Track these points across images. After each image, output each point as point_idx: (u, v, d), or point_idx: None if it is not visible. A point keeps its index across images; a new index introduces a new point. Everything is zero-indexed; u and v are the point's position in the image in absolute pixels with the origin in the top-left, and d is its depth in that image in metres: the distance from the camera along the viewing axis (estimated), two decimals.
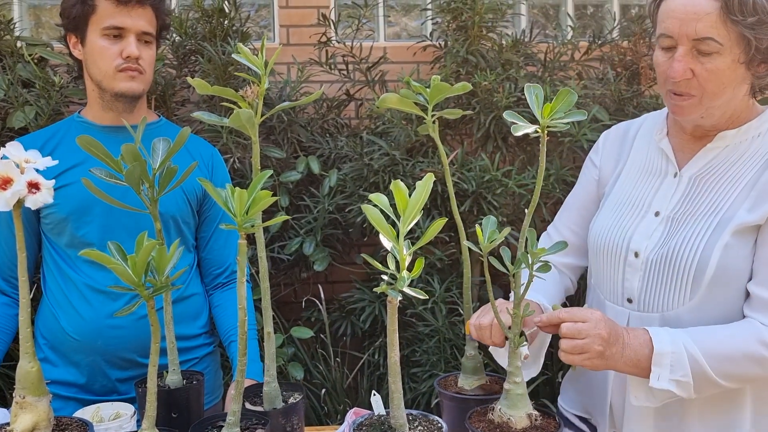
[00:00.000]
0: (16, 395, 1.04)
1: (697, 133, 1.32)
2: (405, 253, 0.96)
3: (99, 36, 1.55)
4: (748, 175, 1.25)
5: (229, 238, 1.74)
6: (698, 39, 1.19)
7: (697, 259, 1.23)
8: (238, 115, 1.02)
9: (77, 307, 1.56)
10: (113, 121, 1.63)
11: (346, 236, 2.56)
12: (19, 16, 2.75)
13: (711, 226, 1.24)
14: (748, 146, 1.28)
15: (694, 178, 1.31)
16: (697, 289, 1.23)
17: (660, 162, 1.37)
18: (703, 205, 1.27)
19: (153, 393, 1.02)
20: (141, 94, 1.62)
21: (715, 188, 1.28)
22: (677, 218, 1.29)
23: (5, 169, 0.96)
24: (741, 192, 1.25)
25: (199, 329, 1.70)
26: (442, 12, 2.59)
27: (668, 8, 1.23)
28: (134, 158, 1.15)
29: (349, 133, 2.59)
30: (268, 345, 1.16)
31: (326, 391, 2.36)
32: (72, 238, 1.57)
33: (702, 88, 1.22)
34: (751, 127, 1.28)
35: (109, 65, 1.56)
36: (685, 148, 1.35)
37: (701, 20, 1.18)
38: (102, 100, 1.61)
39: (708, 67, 1.20)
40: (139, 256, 0.93)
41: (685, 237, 1.26)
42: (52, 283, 1.61)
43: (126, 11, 1.54)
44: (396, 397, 1.03)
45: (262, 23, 2.94)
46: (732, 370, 1.18)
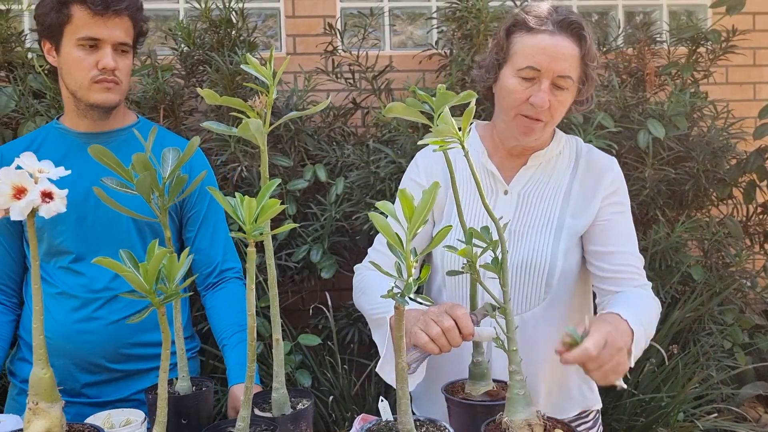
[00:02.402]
0: (29, 401, 1.06)
1: (514, 151, 1.51)
2: (412, 260, 0.97)
3: (74, 46, 1.51)
4: (563, 187, 1.50)
5: (215, 237, 1.70)
6: (561, 76, 1.38)
7: (548, 265, 1.45)
8: (247, 124, 1.03)
9: (51, 310, 1.56)
10: (89, 128, 1.61)
11: (353, 244, 2.57)
12: (29, 27, 2.79)
13: (551, 235, 1.46)
14: (555, 163, 1.53)
15: (521, 194, 1.50)
16: (548, 290, 1.46)
17: (488, 181, 1.52)
18: (536, 217, 1.48)
19: (164, 399, 1.04)
20: (117, 104, 1.59)
21: (540, 202, 1.49)
22: (518, 230, 1.48)
23: (19, 178, 0.98)
24: (562, 202, 1.49)
25: None
26: (448, 21, 2.61)
27: (537, 44, 1.38)
28: (144, 167, 1.17)
29: (355, 141, 2.61)
30: (277, 351, 1.18)
31: (334, 398, 2.36)
32: (50, 246, 1.57)
33: (551, 115, 1.42)
34: (553, 147, 1.53)
35: (84, 76, 1.52)
36: (506, 166, 1.53)
37: (567, 61, 1.38)
38: (77, 108, 1.59)
39: (559, 99, 1.41)
40: (150, 263, 0.95)
41: (531, 247, 1.46)
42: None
43: (102, 21, 1.50)
44: (403, 402, 1.04)
45: (268, 33, 2.96)
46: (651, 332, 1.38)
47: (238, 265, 1.74)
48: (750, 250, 2.77)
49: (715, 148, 2.59)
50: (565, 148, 1.55)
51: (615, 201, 1.50)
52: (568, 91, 1.42)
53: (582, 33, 1.40)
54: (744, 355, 2.60)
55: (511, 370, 1.15)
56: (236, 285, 1.71)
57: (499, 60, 1.46)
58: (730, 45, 2.70)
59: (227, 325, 1.63)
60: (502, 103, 1.46)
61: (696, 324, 2.61)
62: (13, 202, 0.97)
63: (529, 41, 1.40)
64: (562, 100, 1.42)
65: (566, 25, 1.39)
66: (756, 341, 2.68)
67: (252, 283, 1.03)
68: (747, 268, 2.74)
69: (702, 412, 2.42)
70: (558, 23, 1.39)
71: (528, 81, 1.40)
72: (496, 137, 1.53)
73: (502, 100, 1.45)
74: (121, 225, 1.58)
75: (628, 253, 1.49)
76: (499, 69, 1.46)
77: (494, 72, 1.47)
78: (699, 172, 2.57)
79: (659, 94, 2.71)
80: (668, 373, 2.40)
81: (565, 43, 1.39)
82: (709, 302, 2.57)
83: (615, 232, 1.49)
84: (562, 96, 1.41)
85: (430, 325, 1.24)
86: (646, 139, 2.44)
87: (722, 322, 2.62)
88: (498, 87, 1.47)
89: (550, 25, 1.39)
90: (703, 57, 2.75)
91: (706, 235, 2.62)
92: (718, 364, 2.53)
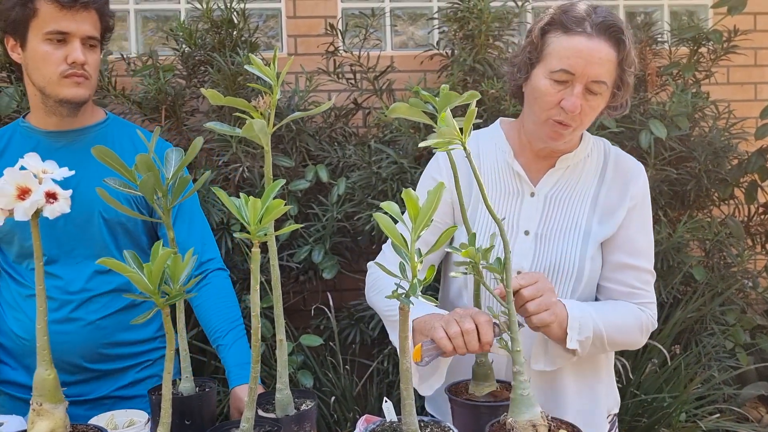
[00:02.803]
0: (32, 402, 1.06)
1: (542, 153, 1.47)
2: (416, 261, 0.97)
3: (41, 41, 1.48)
4: (590, 191, 1.47)
5: (192, 228, 1.66)
6: (595, 81, 1.33)
7: (576, 271, 1.42)
8: (251, 125, 1.03)
9: (26, 311, 1.56)
10: (57, 126, 1.58)
11: (354, 244, 2.57)
12: None
13: (578, 241, 1.43)
14: (583, 166, 1.48)
15: (548, 197, 1.46)
16: (575, 294, 1.43)
17: (514, 182, 1.48)
18: (563, 221, 1.45)
19: (168, 400, 1.04)
20: (87, 99, 1.56)
21: (567, 206, 1.46)
22: (544, 235, 1.45)
23: (24, 179, 0.98)
24: (589, 207, 1.45)
25: (154, 333, 1.70)
26: (449, 21, 2.61)
27: (573, 47, 1.32)
28: (148, 168, 1.17)
29: (357, 141, 2.61)
30: (281, 352, 1.17)
31: (336, 398, 2.36)
32: (21, 248, 1.56)
33: (581, 121, 1.37)
34: (581, 150, 1.48)
35: (53, 71, 1.49)
36: (532, 167, 1.48)
37: (603, 65, 1.32)
38: (45, 105, 1.55)
39: (591, 104, 1.36)
40: (154, 265, 0.95)
41: (559, 252, 1.43)
42: (5, 289, 1.62)
43: (70, 15, 1.47)
44: (408, 403, 1.04)
45: (270, 33, 2.96)
46: (619, 338, 1.40)
47: (217, 255, 1.69)
48: (752, 251, 2.77)
49: (716, 149, 2.59)
50: (593, 151, 1.50)
51: (639, 213, 1.47)
52: (602, 96, 1.36)
53: (621, 37, 1.33)
54: (746, 355, 2.60)
55: (515, 371, 1.15)
56: (220, 278, 1.66)
57: (531, 59, 1.40)
58: (731, 45, 2.70)
59: (219, 323, 1.60)
60: (532, 104, 1.40)
61: (698, 324, 2.61)
62: (18, 202, 0.97)
63: (564, 42, 1.33)
64: (594, 105, 1.36)
65: (605, 27, 1.32)
66: (758, 341, 2.68)
67: (256, 284, 1.03)
68: (749, 268, 2.74)
69: (704, 412, 2.42)
70: (596, 25, 1.32)
71: (560, 84, 1.34)
72: (524, 137, 1.48)
73: (533, 101, 1.40)
74: (93, 226, 1.58)
75: (645, 270, 1.47)
76: (531, 68, 1.40)
77: (526, 71, 1.41)
78: (701, 172, 2.58)
79: (661, 95, 2.71)
80: (670, 374, 2.40)
81: (602, 47, 1.32)
82: (711, 302, 2.57)
83: (637, 247, 1.45)
84: (595, 101, 1.36)
85: (450, 324, 1.23)
86: (648, 139, 2.44)
87: (724, 323, 2.62)
88: (529, 87, 1.41)
89: (587, 26, 1.32)
90: (704, 57, 2.75)
91: (708, 236, 2.62)
92: (720, 364, 2.54)
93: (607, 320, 1.38)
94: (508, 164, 1.49)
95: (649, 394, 2.35)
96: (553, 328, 1.31)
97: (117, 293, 1.62)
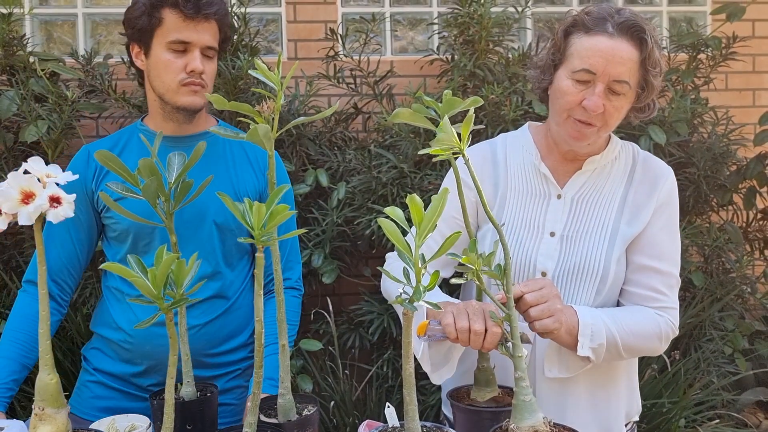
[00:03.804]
0: (35, 407, 1.05)
1: (569, 156, 1.47)
2: (420, 266, 0.97)
3: (164, 49, 1.54)
4: (618, 193, 1.46)
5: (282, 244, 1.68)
6: (617, 81, 1.33)
7: (601, 272, 1.41)
8: (256, 130, 1.03)
9: (134, 309, 1.58)
10: (174, 131, 1.62)
11: (354, 249, 2.57)
12: (31, 31, 2.79)
13: (605, 242, 1.42)
14: (611, 168, 1.48)
15: (575, 199, 1.46)
16: (598, 296, 1.42)
17: (541, 184, 1.49)
18: (590, 223, 1.45)
19: (170, 405, 1.03)
20: (203, 107, 1.61)
21: (594, 207, 1.45)
22: (570, 236, 1.44)
23: (28, 183, 0.98)
24: (617, 209, 1.45)
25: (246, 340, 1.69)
26: (449, 26, 2.62)
27: (594, 46, 1.33)
28: (151, 172, 1.17)
29: (357, 146, 2.61)
30: (283, 357, 1.17)
31: (335, 403, 2.36)
32: (134, 246, 1.58)
33: (605, 121, 1.37)
34: (609, 152, 1.48)
35: (172, 79, 1.54)
36: (559, 170, 1.49)
37: (625, 65, 1.33)
38: (163, 111, 1.60)
39: (614, 105, 1.35)
40: (159, 269, 0.95)
41: (584, 253, 1.42)
42: (113, 283, 1.62)
43: (192, 25, 1.53)
44: (411, 409, 1.04)
45: (270, 37, 2.97)
46: (635, 344, 1.38)
47: (297, 275, 1.74)
48: (750, 256, 2.78)
49: (715, 154, 2.60)
50: (621, 154, 1.50)
51: (667, 216, 1.45)
52: (625, 97, 1.36)
53: (643, 36, 1.33)
54: (744, 361, 2.60)
55: (517, 377, 1.15)
56: (288, 295, 1.70)
57: (555, 61, 1.41)
58: (730, 52, 2.71)
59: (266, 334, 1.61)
60: (555, 104, 1.41)
61: (697, 330, 2.61)
62: (21, 206, 0.97)
63: (585, 43, 1.35)
64: (617, 106, 1.36)
65: (627, 27, 1.33)
66: (756, 347, 2.69)
67: (260, 289, 1.03)
68: (747, 274, 2.75)
69: (703, 418, 2.43)
70: (618, 25, 1.33)
71: (582, 84, 1.35)
72: (550, 139, 1.49)
73: (556, 101, 1.41)
74: (204, 230, 1.59)
75: (670, 275, 1.44)
76: (555, 70, 1.41)
77: (550, 73, 1.42)
78: (699, 178, 2.58)
79: (660, 100, 2.72)
80: (670, 379, 2.40)
81: (624, 46, 1.32)
82: (710, 308, 2.58)
83: (662, 249, 1.43)
84: (618, 101, 1.36)
85: (461, 316, 1.24)
86: (647, 145, 2.45)
87: (723, 328, 2.62)
88: (552, 88, 1.42)
89: (609, 26, 1.33)
90: (703, 63, 2.76)
91: (707, 241, 2.63)
92: (719, 370, 2.54)
93: (621, 327, 1.36)
94: (535, 166, 1.49)
95: (648, 399, 2.36)
96: (561, 335, 1.30)
97: (216, 299, 1.62)
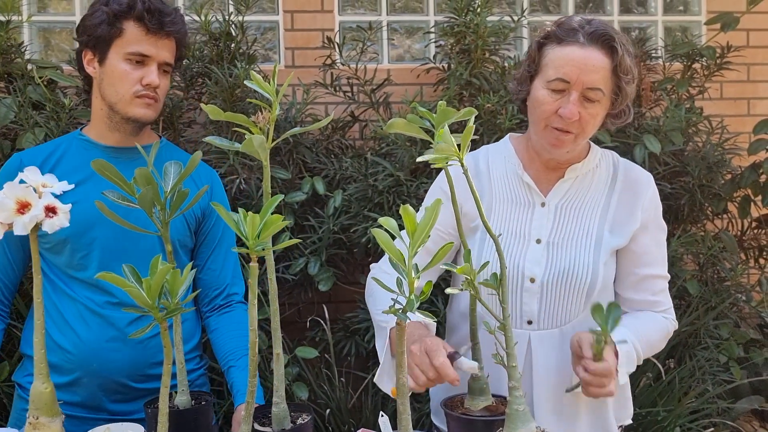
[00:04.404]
0: (29, 416, 1.06)
1: (550, 165, 1.51)
2: (413, 276, 0.98)
3: (121, 59, 1.54)
4: (601, 200, 1.51)
5: (226, 259, 1.71)
6: (590, 88, 1.38)
7: (590, 277, 1.45)
8: (251, 140, 1.04)
9: (74, 326, 1.54)
10: (118, 142, 1.61)
11: (350, 256, 2.57)
12: (29, 39, 2.80)
13: (590, 247, 1.47)
14: (592, 176, 1.53)
15: (559, 207, 1.50)
16: (588, 301, 1.46)
17: (525, 193, 1.53)
18: (575, 229, 1.49)
19: (165, 414, 1.04)
20: (152, 121, 1.62)
21: (578, 215, 1.50)
22: (556, 243, 1.48)
23: (23, 193, 0.98)
24: (600, 216, 1.50)
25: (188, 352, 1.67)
26: (446, 35, 2.63)
27: (567, 56, 1.39)
28: (147, 182, 1.18)
29: (353, 154, 2.62)
30: (277, 365, 1.18)
31: (331, 411, 2.36)
32: (71, 258, 1.55)
33: (581, 128, 1.41)
34: (589, 160, 1.53)
35: (127, 90, 1.54)
36: (542, 178, 1.53)
37: (597, 72, 1.38)
38: (110, 120, 1.59)
39: (590, 112, 1.41)
40: (153, 279, 0.95)
41: (572, 259, 1.46)
42: (47, 300, 1.57)
43: (154, 40, 1.54)
44: (404, 418, 1.04)
45: (267, 46, 2.98)
46: (650, 351, 1.47)
47: (242, 291, 1.74)
48: (745, 265, 2.79)
49: (710, 163, 2.61)
50: (601, 162, 1.55)
51: (651, 222, 1.52)
52: (599, 104, 1.42)
53: (614, 45, 1.39)
54: (739, 369, 2.61)
55: (511, 386, 1.15)
56: (243, 310, 1.71)
57: (530, 72, 1.47)
58: (724, 61, 2.73)
59: (235, 347, 1.62)
60: (533, 114, 1.47)
61: (692, 338, 2.62)
62: (17, 216, 0.98)
63: (559, 53, 1.41)
64: (592, 113, 1.41)
65: (597, 36, 1.39)
66: (751, 356, 2.69)
67: (254, 299, 1.03)
68: (742, 282, 2.76)
69: (698, 426, 2.43)
70: (589, 35, 1.39)
71: (558, 93, 1.40)
72: (531, 149, 1.53)
73: (533, 111, 1.46)
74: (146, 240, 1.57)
75: (660, 278, 1.53)
76: (531, 81, 1.47)
77: (527, 85, 1.48)
78: (694, 186, 2.60)
79: (655, 110, 2.74)
80: (665, 388, 2.41)
81: (596, 55, 1.38)
82: (705, 316, 2.58)
83: (651, 255, 1.51)
84: (593, 108, 1.41)
85: (412, 370, 1.26)
86: (642, 154, 2.46)
87: (718, 337, 2.63)
88: (530, 99, 1.48)
89: (580, 37, 1.39)
90: (698, 73, 2.77)
91: (702, 250, 2.64)
92: (714, 378, 2.54)
93: (644, 342, 1.43)
94: (518, 176, 1.53)
95: (643, 407, 2.36)
96: None
97: None
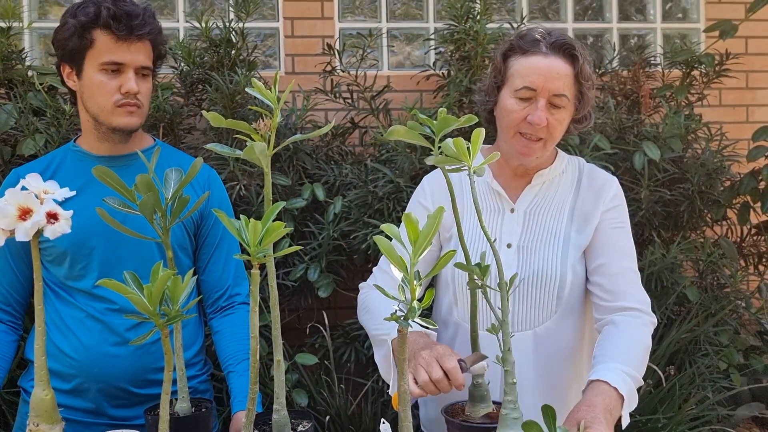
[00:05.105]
0: (30, 423, 1.05)
1: (519, 171, 1.56)
2: (416, 283, 0.98)
3: (96, 71, 1.51)
4: (567, 203, 1.56)
5: (228, 261, 1.70)
6: (556, 95, 1.44)
7: (559, 278, 1.49)
8: (252, 147, 1.04)
9: (76, 332, 1.54)
10: (109, 151, 1.60)
11: (350, 263, 2.57)
12: (30, 45, 2.80)
13: (558, 250, 1.51)
14: (559, 181, 1.58)
15: (527, 212, 1.55)
16: (560, 302, 1.51)
17: (495, 200, 1.57)
18: (543, 233, 1.53)
19: (165, 421, 1.04)
20: (139, 127, 1.59)
21: (546, 218, 1.54)
22: (526, 246, 1.52)
23: (25, 200, 0.98)
24: (567, 218, 1.54)
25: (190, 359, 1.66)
26: (445, 42, 2.64)
27: (532, 65, 1.45)
28: (148, 188, 1.18)
29: (353, 160, 2.62)
30: (278, 372, 1.17)
31: (330, 417, 2.35)
32: (71, 270, 1.54)
33: (549, 133, 1.47)
34: (556, 166, 1.58)
35: (107, 100, 1.52)
36: (511, 185, 1.58)
37: (561, 79, 1.44)
38: (98, 131, 1.58)
39: (557, 117, 1.46)
40: (154, 285, 0.95)
41: (541, 261, 1.50)
42: (49, 306, 1.58)
43: (125, 46, 1.50)
44: (405, 425, 1.04)
45: (267, 52, 2.99)
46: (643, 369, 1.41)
47: (245, 291, 1.73)
48: (745, 271, 2.79)
49: (709, 170, 2.62)
50: (567, 167, 1.60)
51: (614, 217, 1.54)
52: (565, 110, 1.48)
53: (574, 53, 1.46)
54: (739, 376, 2.61)
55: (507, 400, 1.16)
56: (244, 311, 1.69)
57: (497, 83, 1.52)
58: (723, 68, 2.74)
59: (235, 351, 1.61)
60: (502, 123, 1.51)
61: (692, 345, 2.62)
62: (19, 223, 0.98)
63: (524, 63, 1.46)
64: (559, 118, 1.47)
65: (559, 46, 1.46)
66: (751, 362, 2.69)
67: (256, 306, 1.03)
68: (742, 289, 2.76)
69: None
70: (551, 45, 1.46)
71: (525, 101, 1.46)
72: (501, 158, 1.56)
73: (502, 120, 1.51)
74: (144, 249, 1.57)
75: (628, 269, 1.52)
76: (498, 92, 1.52)
77: (494, 95, 1.53)
78: (694, 193, 2.60)
79: (654, 116, 2.75)
80: (665, 394, 2.40)
81: (559, 63, 1.45)
82: (705, 323, 2.59)
83: (615, 247, 1.52)
84: (559, 114, 1.47)
85: (419, 372, 1.26)
86: (641, 160, 2.46)
87: (717, 343, 2.63)
88: (498, 109, 1.53)
89: (543, 47, 1.45)
90: (697, 80, 2.78)
91: (701, 256, 2.64)
92: (714, 385, 2.54)
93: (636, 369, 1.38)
94: (487, 184, 1.58)
95: (643, 414, 2.36)
96: None
97: None
